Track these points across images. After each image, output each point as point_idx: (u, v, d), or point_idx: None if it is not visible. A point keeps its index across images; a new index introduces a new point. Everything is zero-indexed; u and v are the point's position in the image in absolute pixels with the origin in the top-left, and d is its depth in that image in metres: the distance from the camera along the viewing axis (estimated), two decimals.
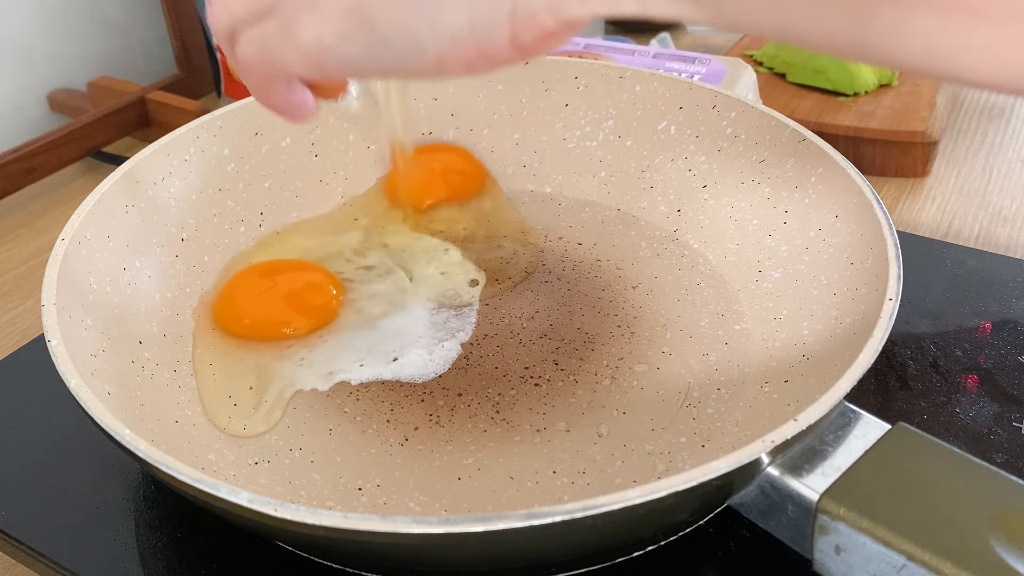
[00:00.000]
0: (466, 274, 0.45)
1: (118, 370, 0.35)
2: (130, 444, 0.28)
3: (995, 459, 0.36)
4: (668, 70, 0.56)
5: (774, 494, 0.29)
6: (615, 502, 0.25)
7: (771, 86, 0.67)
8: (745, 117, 0.46)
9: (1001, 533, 0.26)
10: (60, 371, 0.30)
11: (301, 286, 0.43)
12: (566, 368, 0.39)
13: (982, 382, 0.39)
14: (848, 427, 0.29)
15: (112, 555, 0.33)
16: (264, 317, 0.41)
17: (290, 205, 0.48)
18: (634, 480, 0.34)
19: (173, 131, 0.44)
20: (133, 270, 0.40)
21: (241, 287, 0.43)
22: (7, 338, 0.48)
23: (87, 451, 0.36)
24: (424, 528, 0.24)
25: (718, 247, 0.45)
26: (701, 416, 0.37)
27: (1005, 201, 0.58)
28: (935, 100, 0.63)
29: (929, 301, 0.44)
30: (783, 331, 0.39)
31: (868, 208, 0.38)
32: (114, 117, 0.64)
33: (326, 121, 0.50)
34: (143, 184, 0.42)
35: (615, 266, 0.45)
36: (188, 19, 0.69)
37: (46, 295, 0.34)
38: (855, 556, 0.27)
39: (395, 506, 0.33)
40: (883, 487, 0.27)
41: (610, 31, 0.83)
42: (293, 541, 0.32)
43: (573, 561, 0.31)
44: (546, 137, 0.52)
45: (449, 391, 0.38)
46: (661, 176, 0.49)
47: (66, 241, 0.37)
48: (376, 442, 0.36)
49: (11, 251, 0.56)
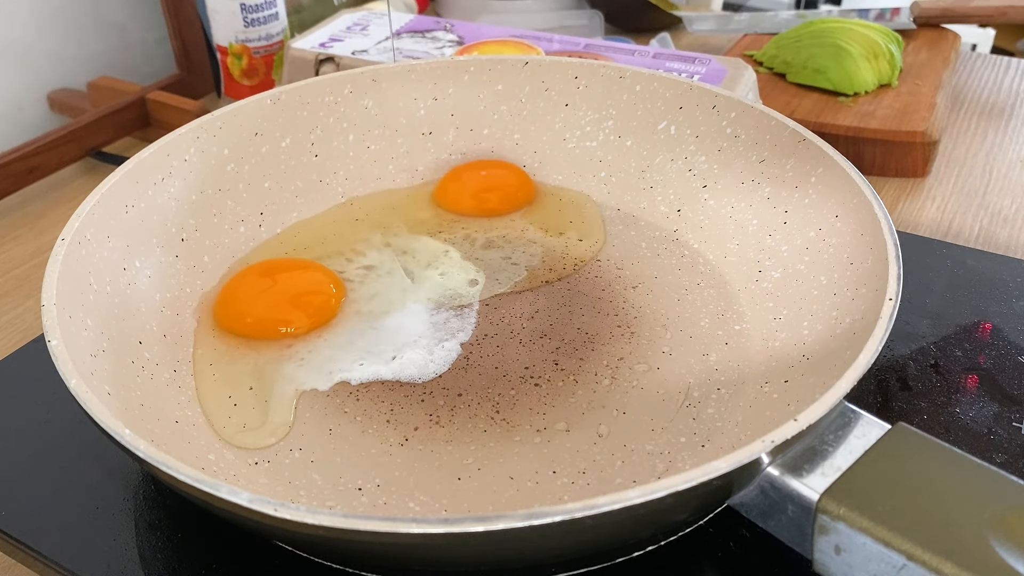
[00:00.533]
0: (466, 274, 0.45)
1: (118, 370, 0.35)
2: (130, 444, 0.28)
3: (995, 459, 0.36)
4: (668, 70, 0.56)
5: (774, 494, 0.29)
6: (615, 502, 0.25)
7: (771, 86, 0.67)
8: (745, 117, 0.46)
9: (1001, 533, 0.26)
10: (60, 371, 0.30)
11: (301, 285, 0.43)
12: (566, 368, 0.39)
13: (982, 382, 0.39)
14: (848, 427, 0.29)
15: (112, 555, 0.33)
16: (265, 316, 0.41)
17: (290, 205, 0.48)
18: (634, 480, 0.34)
19: (173, 131, 0.44)
20: (133, 270, 0.40)
21: (241, 286, 0.43)
22: (7, 338, 0.48)
23: (87, 451, 0.36)
24: (424, 528, 0.24)
25: (718, 247, 0.45)
26: (701, 416, 0.37)
27: (1005, 201, 0.58)
28: (935, 100, 0.63)
29: (929, 301, 0.44)
30: (783, 331, 0.39)
31: (868, 208, 0.38)
32: (114, 117, 0.64)
33: (326, 121, 0.50)
34: (143, 184, 0.42)
35: (615, 266, 0.45)
36: (188, 19, 0.69)
37: (46, 295, 0.34)
38: (855, 556, 0.27)
39: (395, 506, 0.33)
40: (883, 487, 0.27)
41: (610, 31, 0.83)
42: (293, 541, 0.32)
43: (573, 561, 0.31)
44: (546, 137, 0.52)
45: (449, 391, 0.38)
46: (661, 176, 0.49)
47: (66, 241, 0.37)
48: (376, 442, 0.36)
49: (11, 251, 0.56)
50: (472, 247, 0.47)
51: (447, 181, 0.50)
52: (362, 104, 0.51)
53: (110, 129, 0.64)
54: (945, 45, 0.73)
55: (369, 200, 0.50)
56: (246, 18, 0.65)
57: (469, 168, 0.51)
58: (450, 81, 0.52)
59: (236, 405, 0.37)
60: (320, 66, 0.61)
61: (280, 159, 0.48)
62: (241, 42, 0.65)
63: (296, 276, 0.44)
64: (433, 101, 0.52)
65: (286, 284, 0.43)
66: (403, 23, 0.65)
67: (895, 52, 0.67)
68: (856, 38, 0.66)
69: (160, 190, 0.43)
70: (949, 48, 0.72)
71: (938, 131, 0.61)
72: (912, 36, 0.74)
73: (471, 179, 0.50)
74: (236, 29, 0.65)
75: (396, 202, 0.50)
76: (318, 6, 0.76)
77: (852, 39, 0.66)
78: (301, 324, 0.41)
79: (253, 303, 0.42)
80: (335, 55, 0.60)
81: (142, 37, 0.75)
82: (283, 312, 0.41)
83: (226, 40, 0.66)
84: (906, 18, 0.75)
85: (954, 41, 0.74)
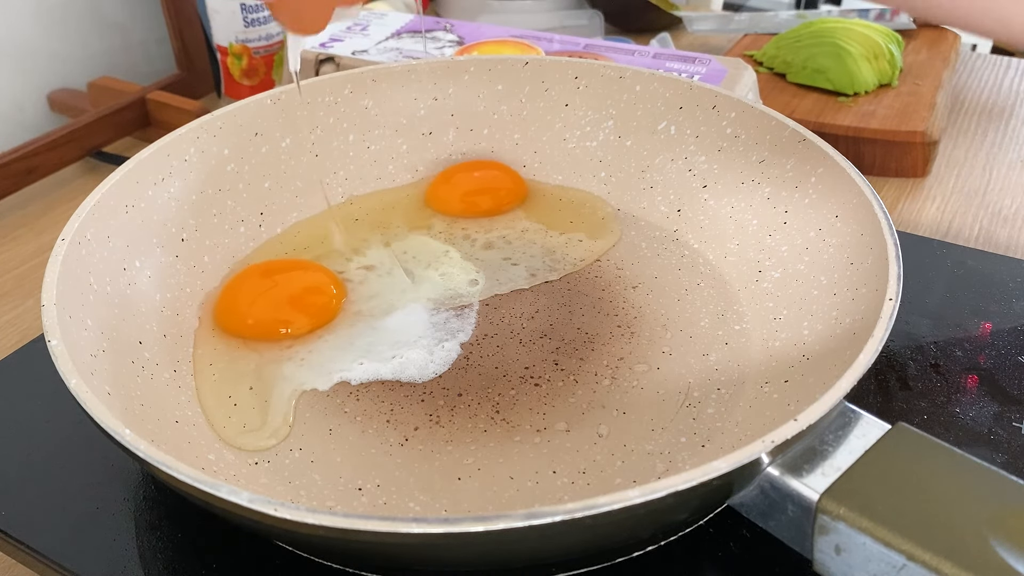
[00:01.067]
0: (466, 275, 0.45)
1: (118, 370, 0.35)
2: (130, 444, 0.28)
3: (995, 459, 0.36)
4: (668, 70, 0.56)
5: (774, 494, 0.29)
6: (615, 502, 0.25)
7: (771, 86, 0.67)
8: (745, 117, 0.46)
9: (1001, 533, 0.26)
10: (60, 371, 0.30)
11: (301, 286, 0.43)
12: (566, 368, 0.39)
13: (982, 382, 0.39)
14: (848, 427, 0.29)
15: (112, 555, 0.33)
16: (265, 317, 0.41)
17: (290, 205, 0.48)
18: (634, 480, 0.34)
19: (173, 131, 0.44)
20: (133, 270, 0.40)
21: (241, 287, 0.43)
22: (7, 338, 0.48)
23: (87, 451, 0.36)
24: (424, 528, 0.24)
25: (718, 247, 0.45)
26: (701, 416, 0.37)
27: (1005, 201, 0.58)
28: (935, 100, 0.63)
29: (929, 301, 0.44)
30: (783, 331, 0.39)
31: (868, 208, 0.38)
32: (114, 117, 0.64)
33: (326, 121, 0.50)
34: (143, 184, 0.42)
35: (615, 266, 0.45)
36: (188, 19, 0.69)
37: (46, 295, 0.34)
38: (855, 556, 0.27)
39: (395, 506, 0.33)
40: (883, 487, 0.27)
41: (610, 31, 0.83)
42: (293, 541, 0.32)
43: (573, 561, 0.31)
44: (546, 137, 0.52)
45: (449, 391, 0.38)
46: (661, 176, 0.49)
47: (66, 241, 0.37)
48: (376, 442, 0.36)
49: (11, 251, 0.56)
50: (472, 247, 0.47)
51: (437, 184, 0.50)
52: (362, 104, 0.51)
53: (110, 129, 0.64)
54: (945, 45, 0.73)
55: (369, 200, 0.50)
56: (246, 18, 0.65)
57: (460, 169, 0.51)
58: (450, 81, 0.52)
59: (236, 405, 0.37)
60: (320, 66, 0.61)
61: (280, 159, 0.48)
62: (241, 42, 0.65)
63: (296, 276, 0.44)
64: (433, 101, 0.52)
65: (286, 285, 0.43)
66: (403, 23, 0.65)
67: (895, 52, 0.67)
68: (856, 38, 0.66)
69: (160, 190, 0.43)
70: (949, 48, 0.72)
71: (938, 131, 0.61)
72: (912, 36, 0.74)
73: (461, 181, 0.50)
74: (236, 29, 0.65)
75: (396, 202, 0.50)
76: None
77: (852, 39, 0.66)
78: (302, 325, 0.41)
79: (254, 304, 0.42)
80: (335, 55, 0.60)
81: (142, 37, 0.75)
82: (284, 313, 0.41)
83: (226, 40, 0.66)
84: (906, 18, 0.76)
85: (954, 41, 0.74)
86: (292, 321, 0.41)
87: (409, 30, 0.64)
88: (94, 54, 0.72)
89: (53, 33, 0.69)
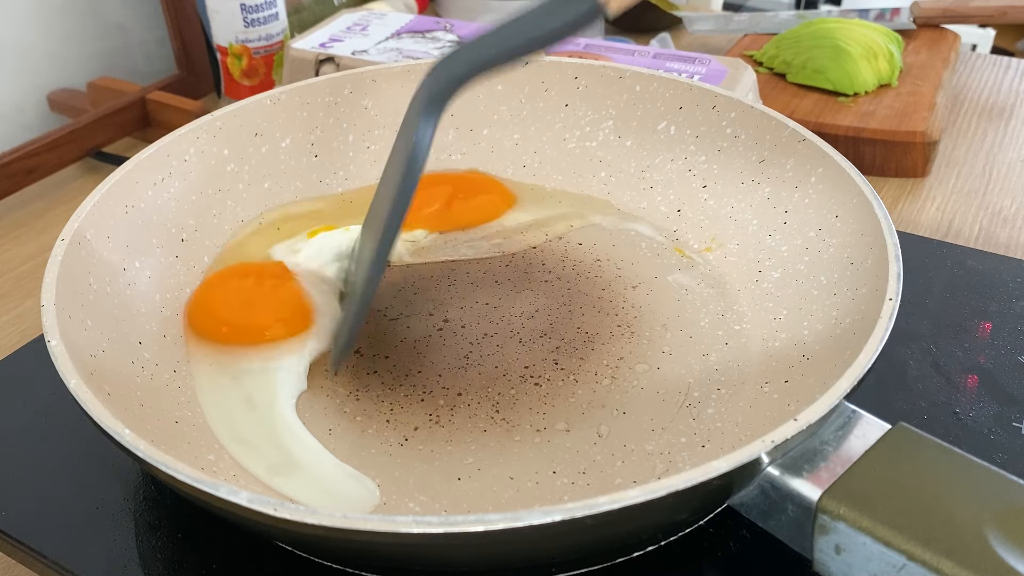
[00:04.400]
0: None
1: (118, 370, 0.35)
2: (130, 444, 0.28)
3: (995, 459, 0.36)
4: (668, 70, 0.56)
5: (774, 494, 0.29)
6: (615, 502, 0.25)
7: (771, 86, 0.67)
8: (745, 117, 0.46)
9: (1001, 532, 0.26)
10: (60, 371, 0.30)
11: (279, 293, 0.42)
12: (566, 368, 0.39)
13: (982, 382, 0.39)
14: (848, 427, 0.29)
15: (112, 555, 0.33)
16: (242, 324, 0.40)
17: (290, 205, 0.48)
18: (634, 480, 0.34)
19: (173, 131, 0.44)
20: (133, 270, 0.40)
21: (213, 295, 0.42)
22: (7, 338, 0.48)
23: (87, 451, 0.36)
24: (424, 528, 0.24)
25: (718, 247, 0.45)
26: (701, 416, 0.37)
27: (1005, 201, 0.58)
28: (935, 100, 0.63)
29: (929, 301, 0.44)
30: (783, 331, 0.39)
31: (868, 208, 0.38)
32: (114, 117, 0.64)
33: (326, 121, 0.50)
34: (143, 184, 0.42)
35: (615, 266, 0.45)
36: (188, 19, 0.69)
37: (46, 295, 0.34)
38: (855, 556, 0.27)
39: (395, 506, 0.33)
40: (883, 487, 0.27)
41: (610, 31, 0.83)
42: (293, 541, 0.32)
43: (573, 561, 0.31)
44: (546, 137, 0.52)
45: (449, 391, 0.38)
46: (661, 176, 0.49)
47: (66, 241, 0.37)
48: (376, 442, 0.36)
49: (11, 251, 0.56)
50: (457, 243, 0.47)
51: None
52: (362, 104, 0.51)
53: (110, 129, 0.64)
54: (945, 45, 0.73)
55: (368, 199, 0.50)
56: (246, 18, 0.65)
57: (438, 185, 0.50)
58: None
59: (236, 406, 0.37)
60: (320, 66, 0.61)
61: (280, 159, 0.48)
62: (241, 42, 0.65)
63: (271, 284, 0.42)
64: None
65: (263, 289, 0.42)
66: (403, 23, 0.65)
67: (895, 52, 0.67)
68: (856, 38, 0.66)
69: (160, 190, 0.43)
70: (949, 48, 0.72)
71: (938, 131, 0.61)
72: (912, 36, 0.74)
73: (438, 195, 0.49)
74: (236, 29, 0.65)
75: None
76: (318, 6, 0.76)
77: (852, 39, 0.66)
78: (279, 332, 0.40)
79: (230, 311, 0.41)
80: (335, 55, 0.60)
81: (142, 37, 0.75)
82: (260, 319, 0.40)
83: (226, 40, 0.66)
84: (906, 18, 0.75)
85: (954, 41, 0.74)
86: (271, 327, 0.40)
87: (409, 30, 0.64)
88: (94, 54, 0.72)
89: (53, 33, 0.69)
